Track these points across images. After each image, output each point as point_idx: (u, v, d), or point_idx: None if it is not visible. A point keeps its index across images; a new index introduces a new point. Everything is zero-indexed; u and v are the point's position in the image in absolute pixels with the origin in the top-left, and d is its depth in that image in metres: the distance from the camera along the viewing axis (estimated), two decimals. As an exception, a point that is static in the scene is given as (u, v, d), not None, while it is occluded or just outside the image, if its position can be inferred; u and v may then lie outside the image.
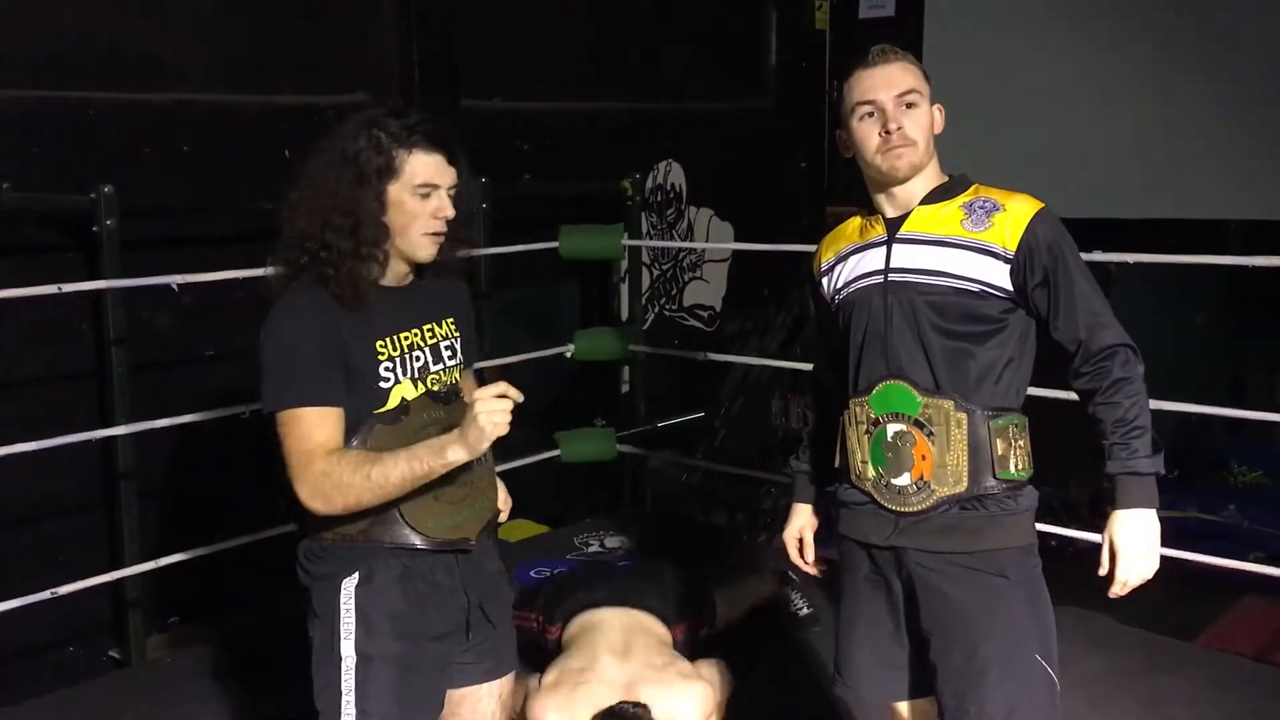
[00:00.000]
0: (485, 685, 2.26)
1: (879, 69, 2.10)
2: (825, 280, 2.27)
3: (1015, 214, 2.08)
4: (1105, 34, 5.81)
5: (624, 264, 5.31)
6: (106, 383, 3.73)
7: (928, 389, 2.09)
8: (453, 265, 2.21)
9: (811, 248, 2.39)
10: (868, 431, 2.15)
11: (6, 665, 3.78)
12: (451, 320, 2.21)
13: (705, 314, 6.38)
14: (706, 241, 6.27)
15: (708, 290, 6.37)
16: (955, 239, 2.09)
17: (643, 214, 5.51)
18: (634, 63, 5.85)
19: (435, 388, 2.14)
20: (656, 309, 6.06)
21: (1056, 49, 5.91)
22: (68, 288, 3.42)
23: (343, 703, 2.06)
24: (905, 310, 2.10)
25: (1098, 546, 2.09)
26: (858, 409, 2.17)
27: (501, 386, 1.94)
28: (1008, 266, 2.06)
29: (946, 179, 2.18)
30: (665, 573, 3.54)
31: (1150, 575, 2.06)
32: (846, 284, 2.20)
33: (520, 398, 1.97)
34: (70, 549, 3.87)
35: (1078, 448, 2.15)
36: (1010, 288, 2.07)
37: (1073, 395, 2.16)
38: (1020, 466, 2.12)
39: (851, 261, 2.20)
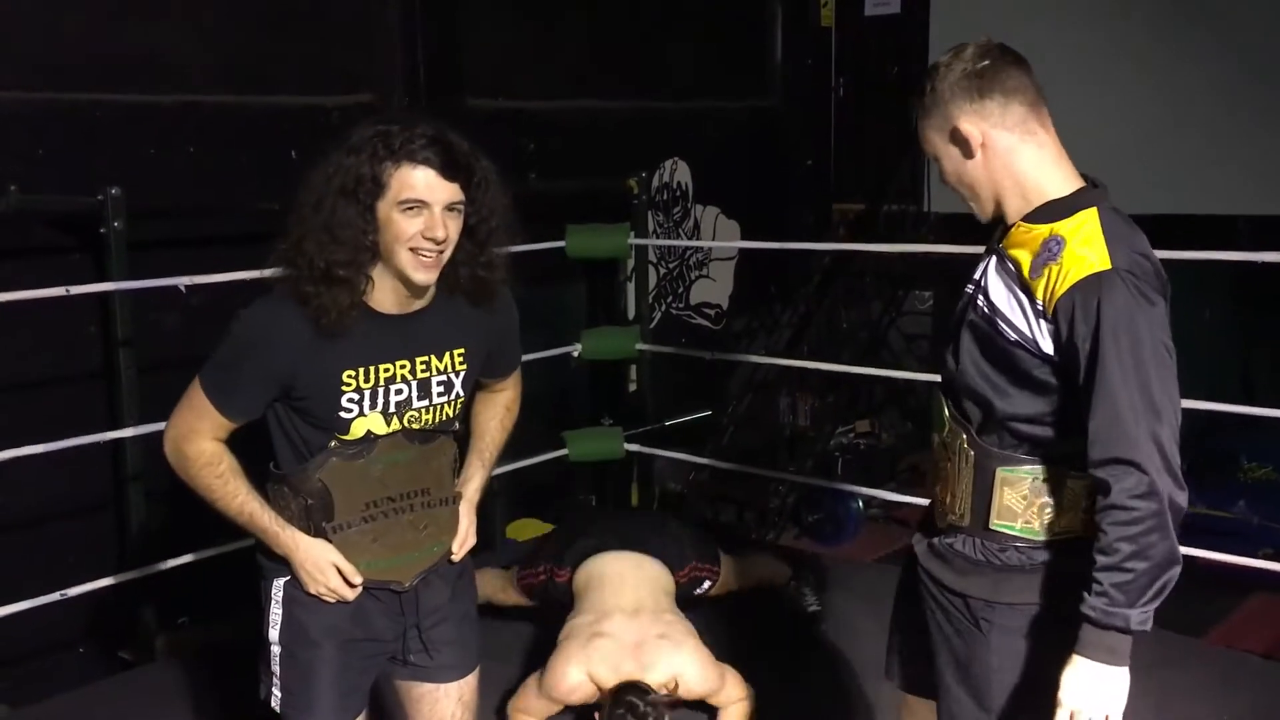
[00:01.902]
0: (443, 686, 2.26)
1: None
2: None
3: (1066, 269, 1.74)
4: (1112, 29, 5.80)
5: (630, 263, 5.31)
6: (115, 384, 3.74)
7: (953, 414, 1.94)
8: (484, 290, 2.05)
9: (818, 245, 2.36)
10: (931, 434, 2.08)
11: (17, 666, 3.80)
12: (461, 351, 2.06)
13: (712, 312, 6.38)
14: (713, 240, 6.27)
15: (714, 288, 6.37)
16: (1017, 270, 1.82)
17: (649, 212, 5.51)
18: (639, 61, 5.85)
19: (414, 426, 2.04)
20: (663, 307, 6.06)
21: (1062, 45, 5.89)
22: (75, 289, 3.42)
23: (273, 684, 2.14)
24: (960, 330, 1.93)
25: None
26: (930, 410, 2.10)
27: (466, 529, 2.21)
28: (1048, 326, 1.76)
29: (1069, 191, 1.85)
30: (670, 521, 3.72)
31: None
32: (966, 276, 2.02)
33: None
34: (80, 550, 3.88)
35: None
36: (1050, 351, 1.77)
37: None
38: (1030, 524, 1.87)
39: (979, 266, 1.98)
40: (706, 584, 3.57)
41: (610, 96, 5.66)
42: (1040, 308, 1.77)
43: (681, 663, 3.01)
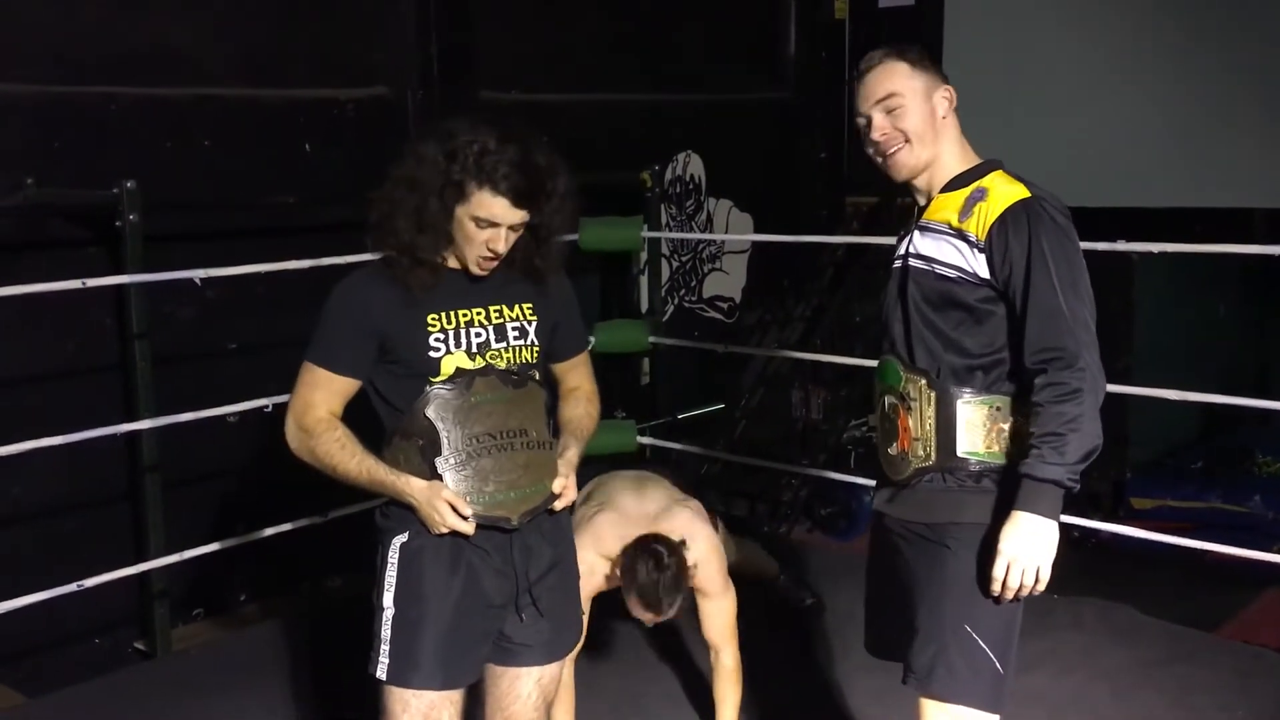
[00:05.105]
0: (527, 669, 2.30)
1: (862, 81, 2.19)
2: None
3: (993, 203, 2.08)
4: (1126, 22, 5.77)
5: (643, 256, 5.31)
6: (130, 376, 3.76)
7: (908, 365, 2.18)
8: (537, 275, 2.27)
9: (831, 239, 2.44)
10: (877, 401, 2.30)
11: (33, 657, 3.82)
12: (529, 305, 2.27)
13: (725, 305, 6.38)
14: (726, 233, 6.26)
15: (727, 282, 6.37)
16: (946, 227, 2.13)
17: (662, 205, 5.50)
18: (653, 54, 5.84)
19: (500, 365, 2.22)
20: (676, 301, 6.06)
21: (1077, 38, 5.87)
22: (91, 283, 3.44)
23: (380, 651, 2.21)
24: (904, 293, 2.19)
25: (1120, 538, 2.08)
26: (875, 380, 2.32)
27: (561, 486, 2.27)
28: (983, 255, 2.07)
29: (973, 164, 2.18)
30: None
31: (1034, 584, 2.03)
32: (889, 264, 2.29)
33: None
34: (95, 542, 3.91)
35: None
36: (987, 276, 2.07)
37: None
38: (992, 448, 2.12)
39: (901, 244, 2.27)
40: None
41: (623, 89, 5.66)
42: (974, 239, 2.08)
43: (695, 534, 2.88)
